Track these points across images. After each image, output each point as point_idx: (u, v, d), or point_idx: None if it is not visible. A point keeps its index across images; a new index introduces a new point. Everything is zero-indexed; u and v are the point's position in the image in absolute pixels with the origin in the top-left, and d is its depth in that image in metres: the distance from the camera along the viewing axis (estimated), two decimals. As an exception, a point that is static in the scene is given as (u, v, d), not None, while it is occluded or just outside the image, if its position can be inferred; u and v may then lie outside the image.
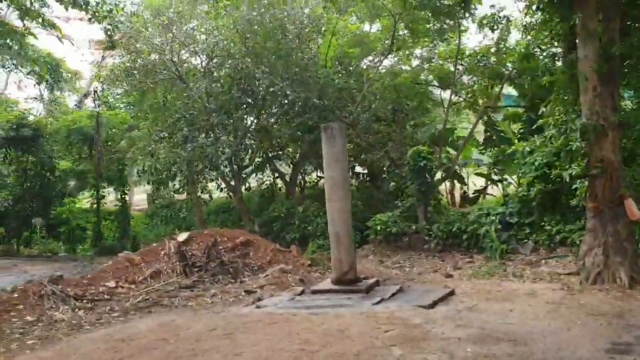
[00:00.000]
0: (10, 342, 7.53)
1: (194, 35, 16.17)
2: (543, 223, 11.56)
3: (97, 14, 9.57)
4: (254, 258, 12.56)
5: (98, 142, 17.43)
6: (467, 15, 14.71)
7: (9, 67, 25.83)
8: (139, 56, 15.05)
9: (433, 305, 7.60)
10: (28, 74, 19.70)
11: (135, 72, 15.19)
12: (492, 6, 12.17)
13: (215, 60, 16.06)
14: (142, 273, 11.35)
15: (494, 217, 12.22)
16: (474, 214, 12.78)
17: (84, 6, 9.59)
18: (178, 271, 11.73)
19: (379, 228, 13.42)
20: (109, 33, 10.77)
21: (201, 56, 16.48)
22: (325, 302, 8.25)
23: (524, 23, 11.18)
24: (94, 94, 17.54)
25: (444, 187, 18.62)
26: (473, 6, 14.44)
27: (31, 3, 10.28)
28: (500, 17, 11.96)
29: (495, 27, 12.29)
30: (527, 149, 11.28)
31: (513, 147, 12.93)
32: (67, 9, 10.73)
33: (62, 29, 11.14)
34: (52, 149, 19.80)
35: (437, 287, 9.07)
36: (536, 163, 11.46)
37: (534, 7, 10.13)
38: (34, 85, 24.69)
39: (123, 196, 20.40)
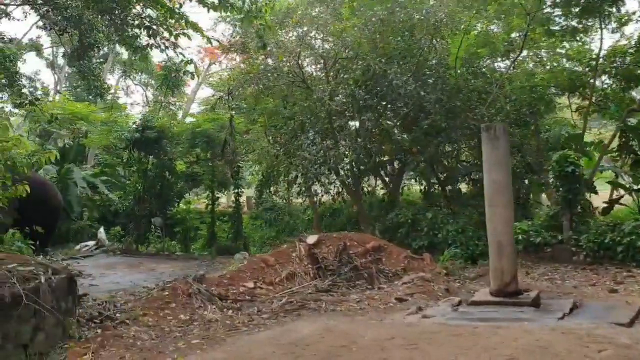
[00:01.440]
0: (174, 340, 7.50)
1: (315, 39, 16.02)
2: None
3: (249, 13, 9.46)
4: (387, 264, 12.13)
5: (232, 145, 17.61)
6: (615, 10, 13.62)
7: (125, 75, 27.01)
8: (265, 60, 15.05)
9: (631, 323, 6.84)
10: (171, 77, 19.93)
11: (269, 74, 15.18)
12: None
13: (340, 62, 15.80)
14: (277, 274, 11.23)
15: (654, 229, 11.15)
16: (629, 225, 11.71)
17: (235, 4, 9.43)
18: (311, 274, 11.55)
19: (520, 237, 12.59)
20: (259, 33, 10.65)
21: (325, 59, 16.24)
22: (496, 314, 7.66)
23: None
24: (228, 96, 17.77)
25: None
26: (621, 2, 13.41)
27: (181, 5, 10.30)
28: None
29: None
30: None
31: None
32: (209, 11, 10.66)
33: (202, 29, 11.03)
34: (172, 151, 20.25)
35: (618, 303, 8.25)
36: None
37: None
38: (158, 88, 25.34)
39: (237, 198, 20.57)
